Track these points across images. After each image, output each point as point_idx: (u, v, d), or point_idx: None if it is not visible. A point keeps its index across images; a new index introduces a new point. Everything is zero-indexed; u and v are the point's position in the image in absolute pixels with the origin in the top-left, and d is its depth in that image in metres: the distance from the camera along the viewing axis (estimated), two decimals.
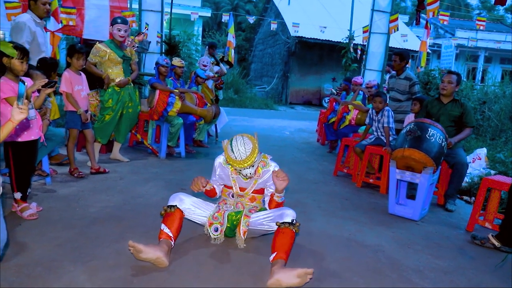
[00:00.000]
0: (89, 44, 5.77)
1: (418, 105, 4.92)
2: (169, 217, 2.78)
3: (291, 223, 2.65)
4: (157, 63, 5.66)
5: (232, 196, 3.06)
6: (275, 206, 2.94)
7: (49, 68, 4.27)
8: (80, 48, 4.48)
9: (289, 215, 2.70)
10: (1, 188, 2.09)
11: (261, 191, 3.07)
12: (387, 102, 5.22)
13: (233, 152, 2.79)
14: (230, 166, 2.96)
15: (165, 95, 5.42)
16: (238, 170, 2.87)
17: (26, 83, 2.19)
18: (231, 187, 3.06)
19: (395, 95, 5.54)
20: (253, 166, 2.83)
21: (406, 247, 3.27)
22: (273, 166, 2.98)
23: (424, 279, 2.75)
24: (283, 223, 2.66)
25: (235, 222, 2.95)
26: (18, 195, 3.24)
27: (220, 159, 3.07)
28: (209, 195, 3.18)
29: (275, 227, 2.71)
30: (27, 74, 3.27)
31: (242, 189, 3.03)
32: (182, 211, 2.85)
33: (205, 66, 6.73)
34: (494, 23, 25.27)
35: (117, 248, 2.79)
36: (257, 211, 2.99)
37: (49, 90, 3.08)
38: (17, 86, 3.04)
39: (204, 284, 2.45)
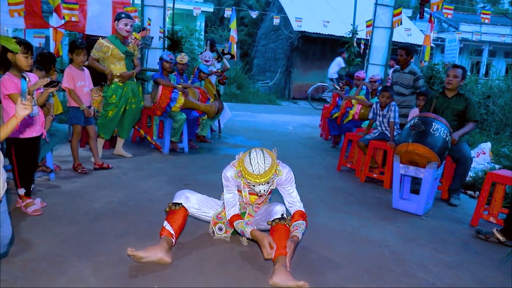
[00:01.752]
0: (92, 40, 5.77)
1: (423, 100, 4.89)
2: (173, 214, 2.78)
3: (281, 218, 2.64)
4: (161, 59, 5.65)
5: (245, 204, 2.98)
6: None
7: (47, 62, 4.25)
8: (80, 43, 4.47)
9: (278, 211, 2.69)
10: (5, 184, 2.10)
11: (269, 192, 2.96)
12: (393, 97, 5.19)
13: (251, 165, 2.55)
14: (242, 179, 2.71)
15: (168, 91, 5.41)
16: (251, 186, 2.65)
17: (28, 79, 2.19)
18: (240, 192, 2.91)
19: (399, 89, 5.51)
20: (268, 183, 2.62)
21: (410, 242, 3.26)
22: (285, 173, 2.76)
23: (429, 273, 2.75)
24: (273, 220, 2.65)
25: None
26: (21, 191, 3.25)
27: (229, 173, 2.76)
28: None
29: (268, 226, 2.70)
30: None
31: (251, 193, 2.88)
32: (186, 210, 2.84)
33: (207, 61, 6.72)
34: (498, 17, 25.06)
35: (121, 243, 2.80)
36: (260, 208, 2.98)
37: (52, 89, 3.08)
38: (20, 83, 3.05)
39: (207, 280, 2.45)
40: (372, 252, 3.02)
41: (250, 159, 2.57)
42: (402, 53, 5.45)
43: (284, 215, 2.66)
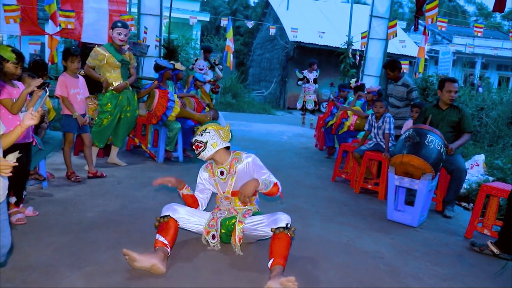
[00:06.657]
0: (86, 47, 5.76)
1: (417, 111, 4.91)
2: (163, 226, 2.77)
3: (285, 228, 2.63)
4: (161, 68, 5.63)
5: (225, 200, 3.08)
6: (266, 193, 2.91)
7: (39, 69, 4.23)
8: (74, 50, 4.45)
9: (283, 220, 2.68)
10: (6, 190, 2.08)
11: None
12: (388, 107, 5.23)
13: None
14: (209, 170, 3.16)
15: (164, 100, 5.40)
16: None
17: (47, 92, 2.24)
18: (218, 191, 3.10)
19: (394, 102, 5.54)
20: (202, 135, 3.03)
21: (405, 254, 3.25)
22: (250, 160, 3.00)
23: (423, 286, 2.74)
24: (277, 228, 2.64)
25: (229, 228, 2.93)
26: (13, 199, 3.20)
27: (201, 168, 3.23)
28: (188, 202, 3.10)
29: (270, 233, 2.69)
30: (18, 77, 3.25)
31: (226, 196, 3.05)
32: (176, 221, 2.83)
33: (201, 70, 6.74)
34: (491, 30, 25.42)
35: (114, 253, 2.76)
36: (252, 215, 2.94)
37: (42, 92, 3.06)
38: (12, 89, 3.04)
39: None
40: (367, 263, 3.01)
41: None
42: (387, 71, 5.58)
43: (289, 225, 2.66)
